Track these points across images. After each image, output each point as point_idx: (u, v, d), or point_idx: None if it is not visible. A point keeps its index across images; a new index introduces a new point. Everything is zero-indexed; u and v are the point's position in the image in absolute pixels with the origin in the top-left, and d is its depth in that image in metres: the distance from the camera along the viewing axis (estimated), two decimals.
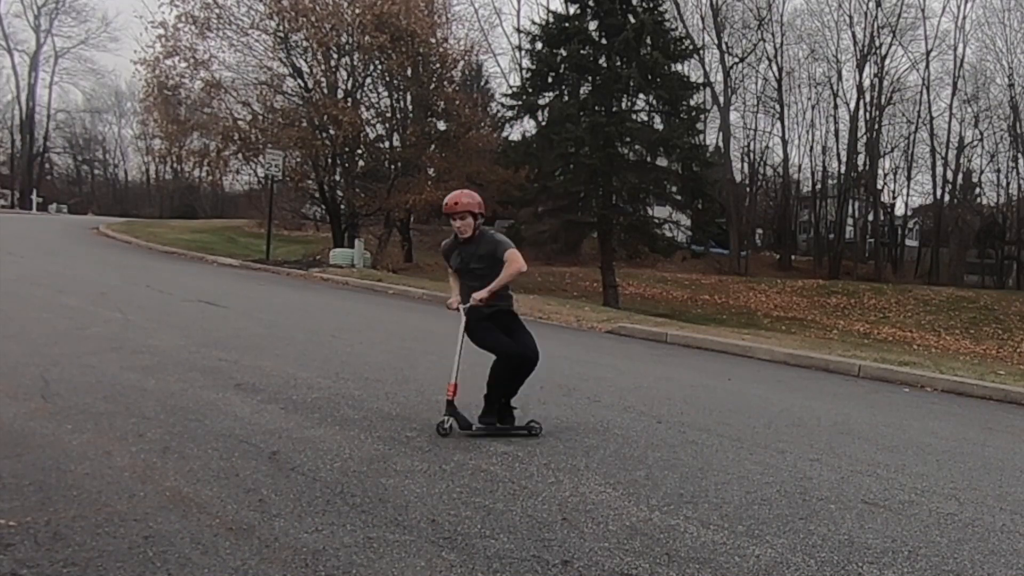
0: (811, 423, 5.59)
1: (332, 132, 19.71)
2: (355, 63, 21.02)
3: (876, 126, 40.15)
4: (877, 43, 38.61)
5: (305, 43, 19.86)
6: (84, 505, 3.02)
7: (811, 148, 45.59)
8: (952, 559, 3.18)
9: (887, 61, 39.55)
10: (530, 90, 22.87)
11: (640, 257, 29.17)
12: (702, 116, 29.92)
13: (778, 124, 43.24)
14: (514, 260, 4.48)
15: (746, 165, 46.12)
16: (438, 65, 21.85)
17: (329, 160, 21.02)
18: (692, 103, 24.35)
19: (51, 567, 2.50)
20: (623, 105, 22.78)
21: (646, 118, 23.49)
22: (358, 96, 21.84)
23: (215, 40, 19.46)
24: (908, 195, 47.08)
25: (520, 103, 23.33)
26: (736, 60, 40.78)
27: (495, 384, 4.52)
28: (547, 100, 22.79)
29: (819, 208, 45.44)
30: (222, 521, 2.95)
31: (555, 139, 20.96)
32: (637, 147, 22.63)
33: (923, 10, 39.97)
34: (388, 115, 22.88)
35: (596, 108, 22.24)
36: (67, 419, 4.12)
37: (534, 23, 24.28)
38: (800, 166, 48.60)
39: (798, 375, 8.02)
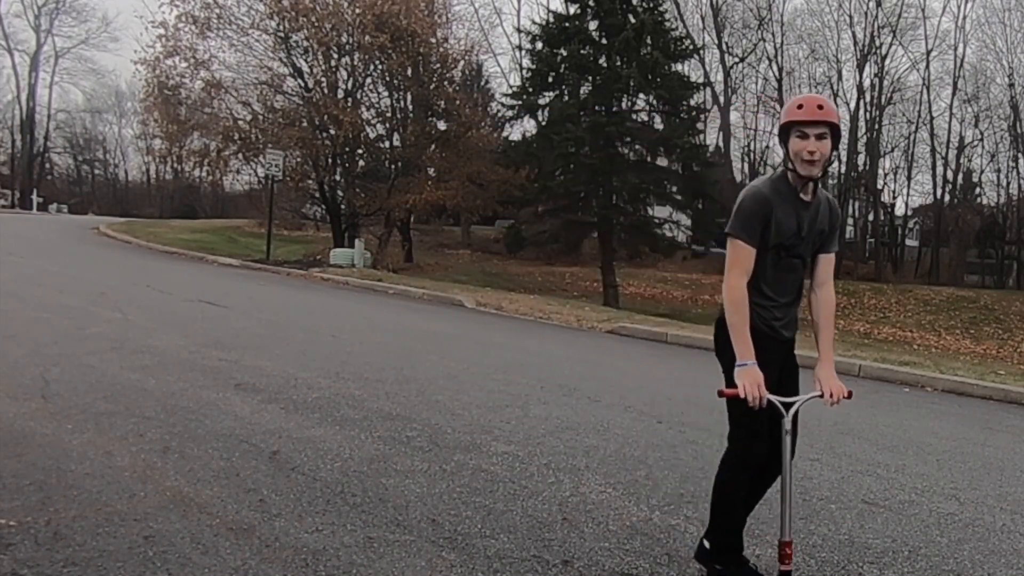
0: (811, 423, 5.58)
1: (332, 132, 19.72)
2: (355, 63, 21.02)
3: (876, 126, 40.15)
4: (877, 43, 38.60)
5: (305, 43, 19.86)
6: (84, 505, 3.02)
7: None
8: (952, 559, 3.18)
9: (887, 61, 39.54)
10: (530, 90, 22.86)
11: (641, 257, 29.17)
12: (702, 116, 29.92)
13: (778, 124, 43.19)
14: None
15: (746, 165, 46.10)
16: (438, 65, 21.85)
17: (329, 160, 21.02)
18: (692, 103, 24.36)
19: (51, 567, 2.50)
20: (623, 105, 22.78)
21: (646, 118, 23.49)
22: (358, 96, 21.84)
23: (215, 40, 19.49)
24: (908, 195, 46.93)
25: (520, 103, 23.33)
26: (736, 60, 40.79)
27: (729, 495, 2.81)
28: (547, 100, 22.77)
29: None
30: (222, 521, 2.95)
31: (555, 139, 20.95)
32: (637, 147, 22.64)
33: (923, 10, 39.90)
34: (388, 115, 22.89)
35: (596, 108, 22.23)
36: (67, 419, 4.12)
37: (534, 23, 24.29)
38: None
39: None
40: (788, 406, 2.53)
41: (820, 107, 2.55)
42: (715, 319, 2.76)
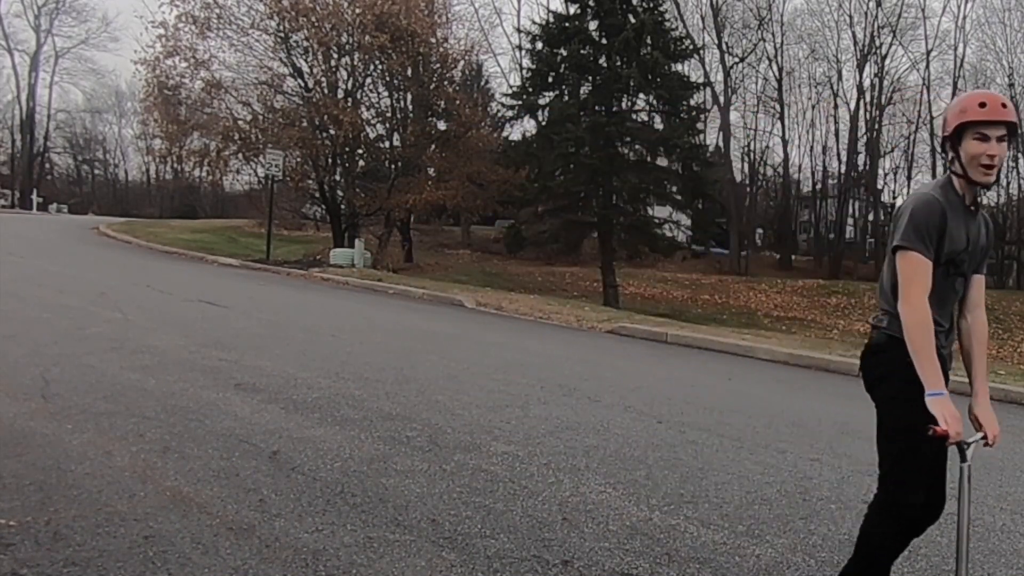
0: (811, 423, 5.58)
1: (332, 132, 19.72)
2: (355, 63, 21.03)
3: (876, 126, 40.20)
4: (877, 43, 38.66)
5: (305, 43, 19.87)
6: (84, 505, 3.02)
7: (811, 148, 45.60)
8: (952, 559, 3.18)
9: (887, 61, 39.62)
10: (530, 90, 22.88)
11: (640, 257, 29.19)
12: (702, 116, 29.94)
13: (778, 124, 43.28)
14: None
15: (746, 165, 46.15)
16: (438, 65, 21.87)
17: (329, 160, 21.03)
18: (692, 103, 24.40)
19: (51, 567, 2.50)
20: (623, 105, 22.80)
21: (646, 118, 23.51)
22: (358, 96, 21.84)
23: (215, 40, 19.49)
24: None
25: (520, 103, 23.35)
26: (736, 60, 40.82)
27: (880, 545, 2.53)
28: (547, 100, 22.80)
29: (819, 208, 45.50)
30: (222, 521, 2.95)
31: (555, 139, 20.97)
32: (637, 147, 22.67)
33: (923, 10, 39.97)
34: (388, 115, 22.90)
35: (596, 108, 22.25)
36: (67, 419, 4.12)
37: (534, 23, 24.31)
38: (800, 166, 48.66)
39: (798, 375, 8.02)
40: (967, 447, 2.23)
41: (1004, 105, 2.21)
42: (864, 346, 2.50)
